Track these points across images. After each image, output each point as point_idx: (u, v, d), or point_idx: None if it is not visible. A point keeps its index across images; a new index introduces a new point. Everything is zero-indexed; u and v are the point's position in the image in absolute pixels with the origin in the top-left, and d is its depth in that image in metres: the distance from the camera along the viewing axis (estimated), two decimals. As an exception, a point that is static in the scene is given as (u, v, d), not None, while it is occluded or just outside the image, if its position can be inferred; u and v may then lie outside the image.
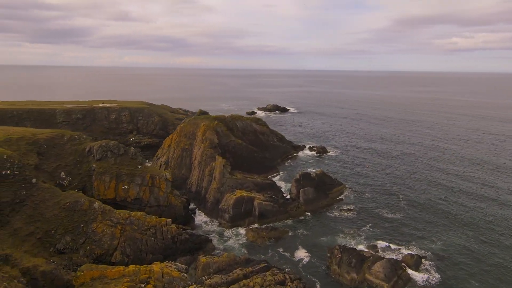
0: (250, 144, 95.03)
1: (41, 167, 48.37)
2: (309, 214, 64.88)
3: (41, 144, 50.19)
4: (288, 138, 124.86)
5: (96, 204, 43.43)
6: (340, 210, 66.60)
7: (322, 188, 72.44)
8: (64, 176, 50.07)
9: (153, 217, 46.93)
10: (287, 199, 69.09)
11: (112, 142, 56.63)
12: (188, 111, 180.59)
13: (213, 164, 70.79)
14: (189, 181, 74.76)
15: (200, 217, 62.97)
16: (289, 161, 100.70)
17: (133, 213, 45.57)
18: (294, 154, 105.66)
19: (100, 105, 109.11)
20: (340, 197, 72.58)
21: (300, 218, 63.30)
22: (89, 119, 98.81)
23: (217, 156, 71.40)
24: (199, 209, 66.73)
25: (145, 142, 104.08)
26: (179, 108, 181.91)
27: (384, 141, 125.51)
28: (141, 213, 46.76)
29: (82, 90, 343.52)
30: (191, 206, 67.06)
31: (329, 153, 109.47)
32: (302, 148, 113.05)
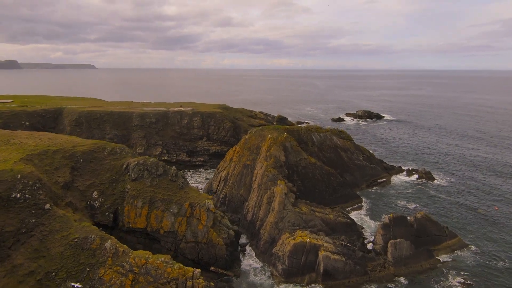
0: (328, 162, 77.87)
1: (73, 185, 43.17)
2: (401, 280, 45.01)
3: (77, 158, 45.36)
4: (379, 154, 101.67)
5: (108, 244, 34.85)
6: (452, 280, 44.42)
7: (423, 240, 50.83)
8: (96, 196, 44.07)
9: (176, 266, 36.13)
10: (370, 250, 50.15)
11: (151, 159, 48.69)
12: (269, 115, 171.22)
13: (273, 189, 56.97)
14: (246, 205, 62.84)
15: (249, 260, 50.08)
16: (378, 187, 79.01)
17: (151, 259, 35.56)
18: (386, 179, 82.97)
19: (176, 108, 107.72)
20: (451, 259, 49.56)
21: (387, 285, 44.07)
22: (162, 123, 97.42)
23: (279, 181, 57.27)
24: (251, 245, 54.05)
25: (214, 150, 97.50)
26: (260, 112, 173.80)
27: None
28: (164, 258, 36.47)
29: (190, 90, 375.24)
30: (243, 240, 54.96)
31: (435, 181, 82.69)
32: (397, 170, 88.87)
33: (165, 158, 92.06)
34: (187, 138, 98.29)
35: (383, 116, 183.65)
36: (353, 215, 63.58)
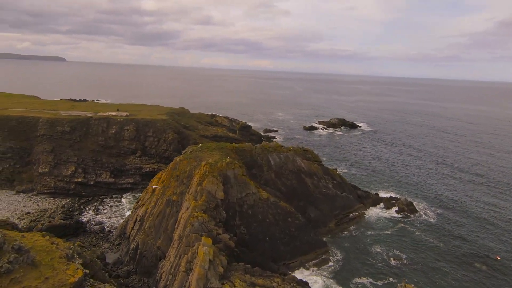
0: (288, 192, 59.67)
1: None
2: None
3: None
4: (352, 176, 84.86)
5: None
6: None
7: None
8: None
9: None
10: None
11: None
12: (235, 121, 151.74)
13: (196, 250, 37.38)
14: (161, 265, 42.85)
15: None
16: (350, 225, 61.55)
17: None
18: (360, 213, 65.80)
19: (107, 113, 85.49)
20: None
21: None
22: (80, 133, 75.11)
23: (203, 238, 37.64)
24: None
25: (148, 169, 76.39)
26: (225, 117, 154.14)
27: (518, 200, 76.04)
28: None
29: (157, 89, 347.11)
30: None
31: (419, 216, 66.68)
32: (374, 200, 72.14)
33: (80, 179, 70.03)
34: (114, 153, 76.53)
35: (358, 126, 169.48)
36: (315, 276, 45.35)
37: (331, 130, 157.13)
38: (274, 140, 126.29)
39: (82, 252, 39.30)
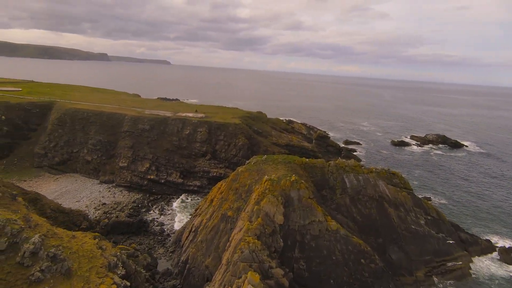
0: (364, 225, 49.48)
1: None
2: None
3: None
4: (453, 213, 67.72)
5: None
6: None
7: None
8: None
9: None
10: None
11: None
12: (313, 129, 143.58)
13: (243, 282, 31.51)
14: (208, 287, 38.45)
15: None
16: (447, 279, 47.25)
17: None
18: (463, 263, 50.32)
19: (184, 114, 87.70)
20: None
21: None
22: (157, 131, 77.98)
23: (250, 273, 31.49)
24: None
25: (215, 173, 74.67)
26: (303, 124, 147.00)
27: None
28: None
29: (247, 92, 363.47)
30: None
31: (558, 284, 47.36)
32: (483, 248, 55.01)
33: (152, 176, 72.26)
34: (185, 154, 77.22)
35: (463, 145, 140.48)
36: None
37: (426, 147, 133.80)
38: (354, 153, 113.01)
39: (129, 260, 37.61)
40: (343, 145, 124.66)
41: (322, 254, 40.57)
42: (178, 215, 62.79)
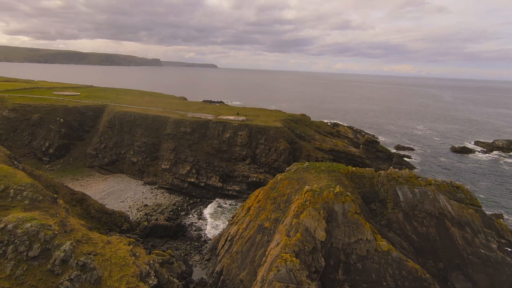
0: (421, 246, 43.26)
1: None
2: None
3: None
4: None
5: None
6: None
7: None
8: None
9: None
10: None
11: (30, 223, 26.77)
12: (361, 132, 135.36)
13: (277, 309, 28.29)
14: (240, 305, 35.88)
15: None
16: (528, 319, 38.97)
17: None
18: (548, 301, 41.24)
19: (226, 117, 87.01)
20: None
21: None
22: (198, 134, 78.02)
23: (286, 297, 28.15)
24: None
25: (255, 178, 72.35)
26: (349, 127, 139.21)
27: None
28: None
29: (291, 94, 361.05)
30: None
31: None
32: None
33: (192, 180, 72.28)
34: (225, 158, 76.13)
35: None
36: None
37: (494, 155, 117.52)
38: (407, 160, 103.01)
39: (162, 269, 36.57)
40: (394, 151, 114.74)
41: (370, 279, 35.63)
42: (215, 221, 61.53)
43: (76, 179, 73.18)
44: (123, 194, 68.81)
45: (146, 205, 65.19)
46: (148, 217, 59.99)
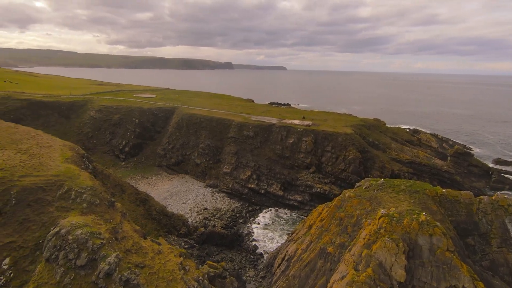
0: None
1: None
2: None
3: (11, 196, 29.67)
4: None
5: None
6: None
7: None
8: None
9: None
10: None
11: (81, 230, 26.04)
12: (447, 141, 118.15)
13: None
14: None
15: None
16: None
17: None
18: None
19: (291, 121, 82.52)
20: None
21: None
22: (261, 138, 75.05)
23: None
24: None
25: (319, 189, 66.20)
26: (432, 135, 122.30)
27: None
28: None
29: (363, 97, 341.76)
30: None
31: None
32: None
33: (253, 186, 69.74)
34: (287, 165, 71.66)
35: None
36: None
37: None
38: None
39: (211, 286, 33.97)
40: (492, 165, 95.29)
41: None
42: (274, 233, 57.53)
43: (146, 177, 77.19)
44: (186, 195, 69.77)
45: (206, 208, 64.72)
46: (207, 221, 59.13)
